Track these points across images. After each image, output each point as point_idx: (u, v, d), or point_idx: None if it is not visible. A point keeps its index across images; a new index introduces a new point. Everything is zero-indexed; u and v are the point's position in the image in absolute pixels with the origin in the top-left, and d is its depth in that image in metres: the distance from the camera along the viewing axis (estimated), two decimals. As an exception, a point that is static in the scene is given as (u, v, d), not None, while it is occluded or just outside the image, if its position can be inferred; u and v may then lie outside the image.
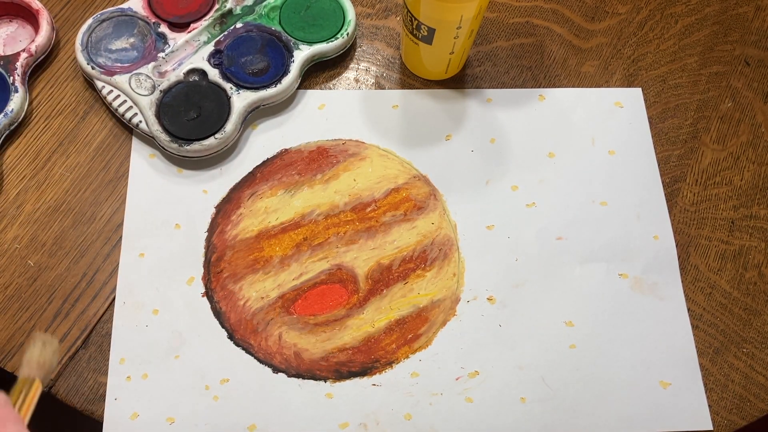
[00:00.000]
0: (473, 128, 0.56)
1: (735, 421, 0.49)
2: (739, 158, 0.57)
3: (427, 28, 0.51)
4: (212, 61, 0.55)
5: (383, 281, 0.51)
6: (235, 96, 0.54)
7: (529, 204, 0.54)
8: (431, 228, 0.53)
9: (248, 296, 0.50)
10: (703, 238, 0.54)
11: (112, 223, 0.52)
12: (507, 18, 0.61)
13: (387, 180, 0.54)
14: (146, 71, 0.54)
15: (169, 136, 0.52)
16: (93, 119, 0.55)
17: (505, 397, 0.48)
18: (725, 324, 0.51)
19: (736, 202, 0.55)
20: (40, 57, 0.56)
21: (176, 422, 0.47)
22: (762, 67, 0.60)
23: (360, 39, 0.60)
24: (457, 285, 0.51)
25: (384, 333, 0.50)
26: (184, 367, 0.48)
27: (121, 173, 0.54)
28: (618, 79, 0.59)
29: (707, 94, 0.59)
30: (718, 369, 0.50)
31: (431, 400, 0.48)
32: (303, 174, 0.54)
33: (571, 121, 0.57)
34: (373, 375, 0.49)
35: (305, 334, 0.50)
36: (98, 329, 0.49)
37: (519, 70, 0.59)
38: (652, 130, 0.57)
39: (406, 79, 0.58)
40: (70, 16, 0.59)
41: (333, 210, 0.53)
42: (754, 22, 0.62)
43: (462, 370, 0.49)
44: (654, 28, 0.61)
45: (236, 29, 0.56)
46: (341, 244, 0.52)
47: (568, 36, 0.61)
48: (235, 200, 0.53)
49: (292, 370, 0.49)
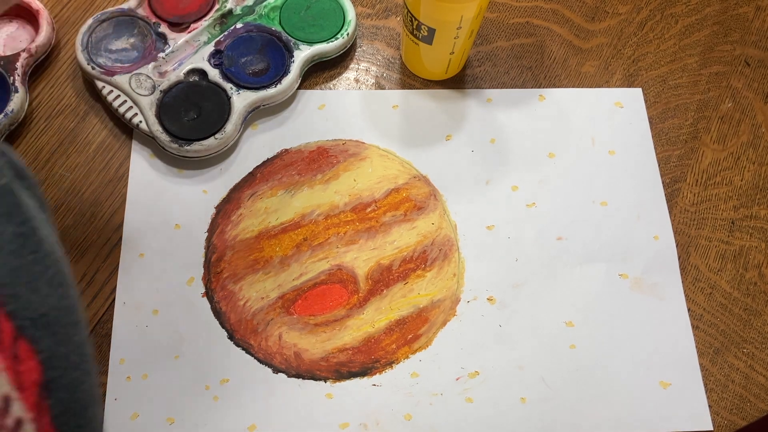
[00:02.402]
0: (473, 128, 0.56)
1: (735, 421, 0.49)
2: (740, 158, 0.57)
3: (427, 28, 0.51)
4: (212, 61, 0.55)
5: (383, 281, 0.51)
6: (235, 96, 0.54)
7: (529, 204, 0.54)
8: (431, 228, 0.53)
9: (248, 296, 0.50)
10: (703, 238, 0.54)
11: (112, 223, 0.52)
12: (507, 18, 0.61)
13: (387, 180, 0.54)
14: (146, 71, 0.54)
15: (169, 136, 0.52)
16: (93, 119, 0.55)
17: (505, 397, 0.48)
18: (725, 324, 0.51)
19: (737, 203, 0.55)
20: (40, 57, 0.56)
21: (176, 422, 0.47)
22: (762, 67, 0.60)
23: (360, 39, 0.60)
24: (457, 285, 0.51)
25: (384, 333, 0.50)
26: (184, 367, 0.48)
27: (121, 173, 0.54)
28: (618, 79, 0.59)
29: (707, 94, 0.59)
30: (718, 369, 0.50)
31: (431, 400, 0.48)
32: (303, 174, 0.54)
33: (571, 121, 0.57)
34: (373, 375, 0.49)
35: (305, 334, 0.50)
36: (98, 329, 0.49)
37: (519, 70, 0.59)
38: (652, 130, 0.57)
39: (406, 79, 0.58)
40: (70, 16, 0.59)
41: (333, 210, 0.53)
42: (754, 22, 0.62)
43: (462, 370, 0.49)
44: (654, 28, 0.61)
45: (236, 29, 0.56)
46: (341, 245, 0.52)
47: (569, 36, 0.61)
48: (235, 200, 0.53)
49: (292, 370, 0.49)
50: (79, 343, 0.26)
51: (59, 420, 0.24)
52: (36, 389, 0.24)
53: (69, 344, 0.26)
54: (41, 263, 0.25)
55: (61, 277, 0.26)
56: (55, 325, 0.25)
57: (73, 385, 0.25)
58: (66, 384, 0.25)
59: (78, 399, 0.26)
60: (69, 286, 0.27)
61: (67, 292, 0.26)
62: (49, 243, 0.26)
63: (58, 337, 0.25)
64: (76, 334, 0.26)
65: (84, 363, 0.26)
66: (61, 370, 0.25)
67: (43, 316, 0.24)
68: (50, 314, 0.25)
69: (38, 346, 0.24)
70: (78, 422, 0.25)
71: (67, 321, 0.26)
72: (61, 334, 0.25)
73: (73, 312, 0.27)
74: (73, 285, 0.27)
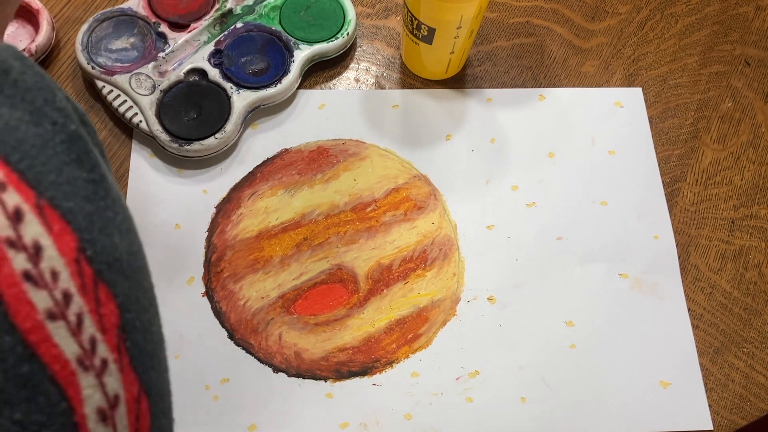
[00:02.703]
0: (473, 128, 0.56)
1: (735, 420, 0.49)
2: (740, 158, 0.57)
3: (427, 27, 0.51)
4: (212, 61, 0.55)
5: (383, 281, 0.51)
6: (235, 96, 0.54)
7: (529, 204, 0.54)
8: (431, 228, 0.53)
9: (248, 296, 0.50)
10: (703, 238, 0.54)
11: (112, 222, 0.52)
12: (507, 18, 0.61)
13: (387, 180, 0.54)
14: (146, 71, 0.54)
15: (170, 136, 0.52)
16: (93, 119, 0.55)
17: (505, 397, 0.48)
18: (725, 324, 0.51)
19: (737, 202, 0.55)
20: (40, 57, 0.56)
21: (176, 422, 0.47)
22: (762, 67, 0.60)
23: (360, 39, 0.60)
24: (457, 285, 0.51)
25: (384, 333, 0.50)
26: (184, 366, 0.48)
27: (121, 173, 0.54)
28: (618, 79, 0.59)
29: (707, 93, 0.59)
30: (718, 369, 0.50)
31: (431, 400, 0.48)
32: (303, 174, 0.54)
33: (571, 121, 0.57)
34: (374, 375, 0.49)
35: (305, 333, 0.50)
36: (98, 329, 0.49)
37: (519, 70, 0.59)
38: (653, 130, 0.57)
39: (406, 79, 0.58)
40: (70, 16, 0.59)
41: (333, 210, 0.53)
42: (754, 22, 0.62)
43: (462, 370, 0.49)
44: (654, 28, 0.61)
45: (236, 29, 0.56)
46: (341, 244, 0.52)
47: (569, 36, 0.61)
48: (235, 200, 0.53)
49: (293, 370, 0.49)
50: (147, 287, 0.27)
51: (136, 361, 0.25)
52: (116, 331, 0.24)
53: (139, 288, 0.26)
54: (111, 209, 0.26)
55: (129, 222, 0.27)
56: (128, 270, 0.26)
57: (145, 327, 0.26)
58: (139, 327, 0.26)
59: (150, 340, 0.27)
60: (135, 232, 0.27)
61: (134, 237, 0.27)
62: (115, 189, 0.27)
63: (130, 281, 0.26)
64: (144, 278, 0.27)
65: (152, 306, 0.28)
66: (135, 312, 0.26)
67: (117, 260, 0.25)
68: (123, 259, 0.25)
69: (115, 290, 0.25)
70: (151, 363, 0.27)
71: (137, 265, 0.27)
72: (132, 278, 0.26)
73: (141, 257, 0.27)
74: (137, 231, 0.28)
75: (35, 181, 0.23)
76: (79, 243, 0.23)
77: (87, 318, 0.23)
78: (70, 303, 0.23)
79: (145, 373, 0.26)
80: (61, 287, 0.23)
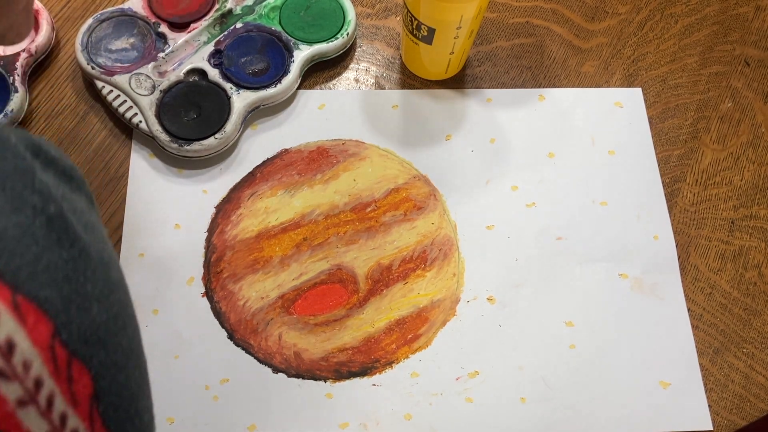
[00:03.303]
0: (473, 128, 0.56)
1: (735, 421, 0.49)
2: (739, 158, 0.57)
3: (427, 28, 0.51)
4: (212, 61, 0.55)
5: (383, 281, 0.51)
6: (235, 96, 0.54)
7: (529, 204, 0.54)
8: (431, 228, 0.53)
9: (248, 296, 0.50)
10: (703, 238, 0.54)
11: (112, 223, 0.52)
12: (507, 18, 0.61)
13: (387, 180, 0.54)
14: (146, 71, 0.54)
15: (169, 136, 0.52)
16: (93, 119, 0.55)
17: (505, 397, 0.48)
18: (725, 324, 0.51)
19: (736, 202, 0.55)
20: (40, 57, 0.56)
21: (176, 422, 0.47)
22: (762, 67, 0.60)
23: (360, 39, 0.60)
24: (457, 285, 0.51)
25: (384, 333, 0.50)
26: (184, 367, 0.48)
27: (121, 173, 0.54)
28: (618, 79, 0.59)
29: (707, 94, 0.59)
30: (718, 369, 0.50)
31: (431, 400, 0.48)
32: (303, 174, 0.54)
33: (571, 121, 0.57)
34: (373, 375, 0.49)
35: (305, 334, 0.50)
36: (98, 329, 0.49)
37: (519, 70, 0.59)
38: (652, 130, 0.57)
39: (406, 79, 0.58)
40: (70, 16, 0.59)
41: (333, 210, 0.53)
42: (754, 22, 0.62)
43: (462, 370, 0.49)
44: (654, 28, 0.61)
45: (236, 29, 0.56)
46: (341, 244, 0.52)
47: (568, 36, 0.61)
48: (235, 200, 0.53)
49: (292, 370, 0.49)
50: (127, 345, 0.27)
51: (110, 420, 0.25)
52: (88, 401, 0.25)
53: (117, 349, 0.26)
54: (90, 280, 0.25)
55: (110, 285, 0.27)
56: (105, 336, 0.26)
57: (121, 386, 0.26)
58: (115, 389, 0.26)
59: (126, 396, 0.27)
60: (116, 290, 0.27)
61: (116, 297, 0.27)
62: (96, 251, 0.26)
63: (107, 348, 0.26)
64: (125, 337, 0.27)
65: (130, 360, 0.27)
66: (110, 377, 0.26)
67: (94, 333, 0.25)
68: (100, 329, 0.25)
69: (90, 363, 0.25)
70: (127, 415, 0.27)
71: (116, 329, 0.26)
72: (110, 343, 0.26)
73: (121, 316, 0.27)
74: (120, 282, 0.28)
75: (12, 277, 0.23)
76: (55, 329, 0.23)
77: (58, 398, 0.23)
78: (41, 388, 0.23)
79: (119, 427, 0.26)
80: (32, 376, 0.23)
